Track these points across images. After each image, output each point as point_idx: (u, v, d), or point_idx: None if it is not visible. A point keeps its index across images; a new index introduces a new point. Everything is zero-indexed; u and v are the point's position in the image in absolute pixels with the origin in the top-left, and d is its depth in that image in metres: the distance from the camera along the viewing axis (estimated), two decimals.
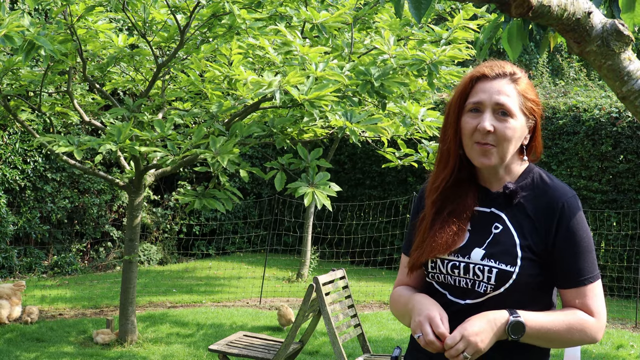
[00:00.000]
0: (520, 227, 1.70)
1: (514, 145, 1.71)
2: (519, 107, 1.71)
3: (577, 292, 1.69)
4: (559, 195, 1.70)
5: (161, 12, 5.54)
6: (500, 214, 1.73)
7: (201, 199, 4.88)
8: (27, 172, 9.06)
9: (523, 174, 1.77)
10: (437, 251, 1.72)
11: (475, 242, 1.72)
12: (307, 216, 9.59)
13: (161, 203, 10.84)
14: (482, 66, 1.76)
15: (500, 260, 1.67)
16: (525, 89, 1.73)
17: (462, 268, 1.70)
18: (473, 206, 1.75)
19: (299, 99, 4.31)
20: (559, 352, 5.16)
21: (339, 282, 4.93)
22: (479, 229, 1.73)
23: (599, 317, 1.69)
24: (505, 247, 1.68)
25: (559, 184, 1.74)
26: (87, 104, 6.56)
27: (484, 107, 1.70)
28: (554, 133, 9.48)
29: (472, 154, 1.72)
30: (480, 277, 1.68)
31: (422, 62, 4.53)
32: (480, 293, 1.67)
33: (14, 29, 4.26)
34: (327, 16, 4.85)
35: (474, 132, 1.70)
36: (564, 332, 1.65)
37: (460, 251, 1.72)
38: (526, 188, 1.73)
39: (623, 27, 1.88)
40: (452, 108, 1.76)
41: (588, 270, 1.69)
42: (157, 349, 5.89)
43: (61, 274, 9.13)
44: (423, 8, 1.81)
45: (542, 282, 1.70)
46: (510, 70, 1.73)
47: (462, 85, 1.76)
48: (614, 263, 9.04)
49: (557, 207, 1.69)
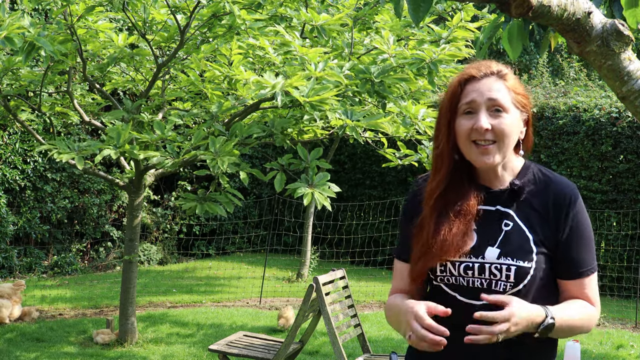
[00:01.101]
0: (530, 222, 1.71)
1: (513, 140, 1.73)
2: (511, 102, 1.72)
3: (580, 283, 1.71)
4: (564, 188, 1.73)
5: (161, 12, 5.54)
6: (508, 211, 1.73)
7: (202, 204, 4.86)
8: (27, 172, 9.07)
9: (523, 170, 1.78)
10: (448, 255, 1.70)
11: (486, 241, 1.71)
12: (307, 216, 9.59)
13: (161, 203, 10.84)
14: (468, 68, 1.77)
15: (517, 258, 1.67)
16: (513, 84, 1.75)
17: (476, 269, 1.69)
18: (476, 206, 1.74)
19: (301, 100, 4.31)
20: (559, 352, 5.16)
21: (339, 282, 4.93)
22: (486, 227, 1.73)
23: (597, 307, 1.74)
24: (520, 244, 1.68)
25: (560, 177, 1.77)
26: (87, 104, 6.56)
27: (477, 107, 1.71)
28: (554, 133, 9.48)
29: (472, 155, 1.72)
30: (497, 276, 1.67)
31: (422, 61, 4.53)
32: (499, 292, 1.66)
33: (15, 31, 4.25)
34: (327, 18, 4.85)
35: (471, 133, 1.70)
36: (579, 323, 1.69)
37: (472, 252, 1.70)
38: (529, 183, 1.75)
39: (623, 27, 1.88)
40: (443, 112, 1.77)
41: (590, 261, 1.72)
42: (157, 349, 5.89)
43: (61, 274, 9.13)
44: (422, 11, 1.81)
45: (552, 274, 1.71)
46: (497, 68, 1.75)
47: (451, 89, 1.76)
48: (614, 263, 9.04)
49: (565, 199, 1.71)
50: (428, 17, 5.28)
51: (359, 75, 4.51)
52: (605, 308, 8.11)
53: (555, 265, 1.71)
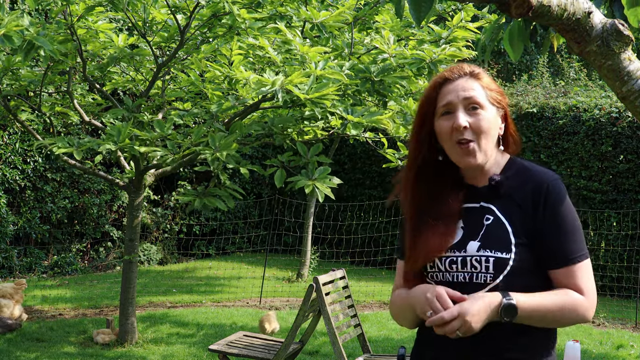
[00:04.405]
0: (510, 215, 1.74)
1: (492, 136, 1.77)
2: (486, 99, 1.77)
3: (566, 272, 1.72)
4: (541, 178, 1.76)
5: (161, 12, 5.54)
6: (489, 206, 1.77)
7: (202, 198, 4.87)
8: (27, 172, 9.07)
9: (507, 165, 1.81)
10: (432, 256, 1.76)
11: (469, 236, 1.76)
12: (307, 216, 9.58)
13: (161, 203, 10.84)
14: (442, 72, 1.83)
15: (495, 249, 1.71)
16: (487, 83, 1.80)
17: (459, 262, 1.73)
18: (458, 205, 1.78)
19: (302, 97, 4.31)
20: (559, 352, 5.16)
21: (339, 282, 4.93)
22: (471, 224, 1.77)
23: (588, 296, 1.72)
24: (498, 236, 1.72)
25: (541, 168, 1.80)
26: (87, 104, 6.56)
27: (454, 107, 1.76)
28: (554, 133, 9.47)
29: (455, 156, 1.77)
30: (478, 269, 1.71)
31: (422, 61, 4.53)
32: (480, 284, 1.70)
33: (13, 28, 4.25)
34: (327, 15, 4.86)
35: (452, 133, 1.74)
36: (556, 311, 1.68)
37: (456, 247, 1.75)
38: (512, 178, 1.78)
39: (623, 27, 1.88)
40: (418, 117, 1.83)
41: (575, 249, 1.72)
42: (157, 349, 5.89)
43: (61, 274, 9.13)
44: (423, 10, 1.81)
45: (537, 266, 1.73)
46: (469, 69, 1.80)
47: (427, 93, 1.82)
48: (614, 263, 9.04)
49: (541, 189, 1.73)
50: (429, 18, 5.28)
51: (359, 75, 4.51)
52: (605, 308, 8.11)
53: (539, 255, 1.72)
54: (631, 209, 8.87)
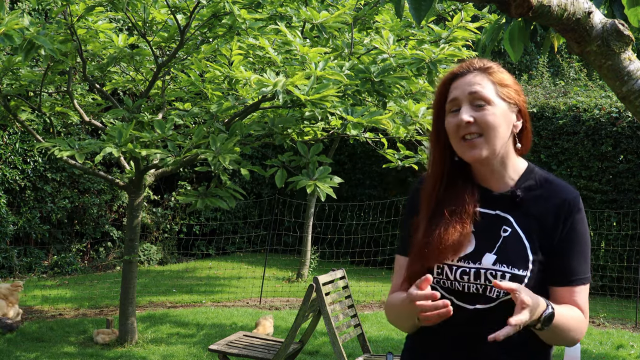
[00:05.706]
0: (528, 229, 1.69)
1: (502, 133, 1.69)
2: (495, 94, 1.70)
3: (570, 290, 1.68)
4: (565, 195, 1.70)
5: (161, 12, 5.54)
6: (507, 216, 1.71)
7: (203, 199, 4.86)
8: (27, 172, 9.06)
9: (525, 175, 1.75)
10: (445, 256, 1.69)
11: (484, 246, 1.69)
12: (307, 216, 9.58)
13: (161, 203, 10.83)
14: (452, 68, 1.79)
15: (512, 265, 1.65)
16: (500, 78, 1.72)
17: (472, 274, 1.67)
18: (473, 206, 1.72)
19: (302, 98, 4.31)
20: (559, 353, 5.16)
21: (339, 282, 4.93)
22: (486, 232, 1.71)
23: (587, 316, 1.71)
24: (516, 251, 1.66)
25: (563, 183, 1.74)
26: (87, 104, 6.56)
27: (460, 103, 1.70)
28: (554, 133, 9.48)
29: (461, 151, 1.71)
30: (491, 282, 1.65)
31: (422, 61, 4.53)
32: (492, 298, 1.65)
33: (14, 27, 4.25)
34: (327, 16, 4.86)
35: (458, 129, 1.69)
36: (573, 325, 1.65)
37: (470, 257, 1.69)
38: (531, 189, 1.72)
39: (623, 27, 1.88)
40: (433, 114, 1.79)
41: (586, 270, 1.70)
42: (157, 349, 5.89)
43: (61, 274, 9.13)
44: (423, 10, 1.81)
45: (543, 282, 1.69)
46: (479, 64, 1.74)
47: (438, 90, 1.78)
48: (614, 263, 9.04)
49: (564, 206, 1.68)
50: (428, 18, 5.28)
51: (359, 75, 4.51)
52: (605, 308, 8.11)
53: (548, 271, 1.68)
54: (631, 209, 8.87)
